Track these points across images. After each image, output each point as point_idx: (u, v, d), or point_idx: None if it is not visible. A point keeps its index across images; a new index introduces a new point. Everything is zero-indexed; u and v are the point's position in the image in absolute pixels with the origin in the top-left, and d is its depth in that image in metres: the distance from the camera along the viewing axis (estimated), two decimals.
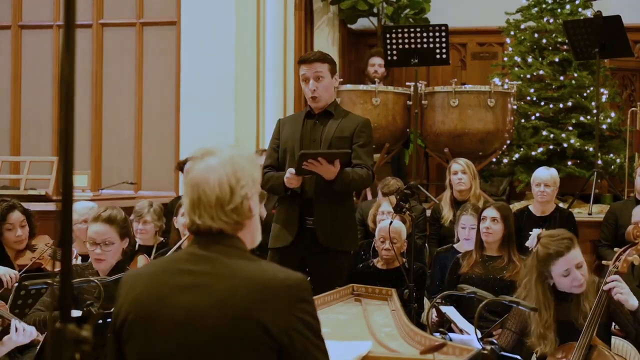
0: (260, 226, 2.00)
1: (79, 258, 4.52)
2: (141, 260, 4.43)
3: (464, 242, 4.98)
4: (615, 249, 3.35)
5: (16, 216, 4.48)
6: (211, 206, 1.85)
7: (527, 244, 4.70)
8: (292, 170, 4.00)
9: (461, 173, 5.65)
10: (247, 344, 1.78)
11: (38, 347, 3.16)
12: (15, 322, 3.32)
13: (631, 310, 3.23)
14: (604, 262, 3.38)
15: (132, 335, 1.86)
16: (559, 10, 7.29)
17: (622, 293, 3.20)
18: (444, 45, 6.48)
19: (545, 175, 5.46)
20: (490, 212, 4.62)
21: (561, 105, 7.07)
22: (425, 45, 6.48)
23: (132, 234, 4.16)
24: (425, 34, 6.48)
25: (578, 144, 6.83)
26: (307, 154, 3.93)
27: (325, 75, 4.11)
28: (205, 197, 1.85)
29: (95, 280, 2.88)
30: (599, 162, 6.50)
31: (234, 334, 1.78)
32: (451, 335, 3.26)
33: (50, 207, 5.69)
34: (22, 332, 3.31)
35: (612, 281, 3.21)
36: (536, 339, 3.32)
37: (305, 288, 1.85)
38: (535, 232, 4.71)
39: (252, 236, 1.95)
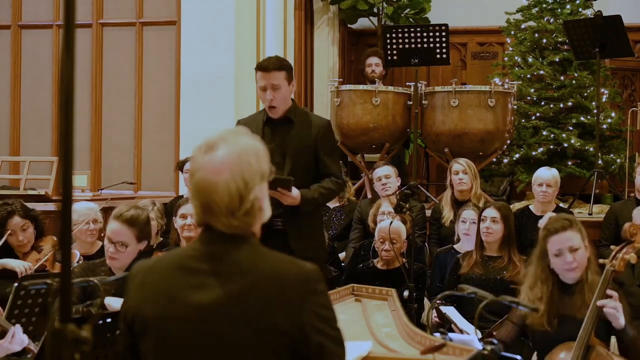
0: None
1: (81, 259, 4.50)
2: None
3: (464, 238, 4.98)
4: (612, 246, 3.32)
5: (15, 221, 4.43)
6: (222, 214, 1.83)
7: (539, 224, 4.75)
8: None
9: (462, 173, 5.64)
10: (261, 344, 1.78)
11: (38, 347, 3.14)
12: (14, 329, 3.21)
13: (617, 328, 3.19)
14: (600, 260, 3.35)
15: (145, 333, 1.85)
16: (559, 10, 7.28)
17: (616, 309, 3.14)
18: (444, 45, 6.48)
19: (547, 175, 5.46)
20: (491, 212, 4.62)
21: (561, 105, 7.06)
22: (425, 45, 6.47)
23: (151, 235, 4.03)
24: (425, 34, 6.47)
25: (578, 144, 6.82)
26: None
27: (282, 84, 4.01)
28: (215, 205, 1.82)
29: (95, 281, 2.87)
30: (600, 162, 6.49)
31: (246, 335, 1.78)
32: (451, 335, 3.25)
33: (50, 207, 5.69)
34: (17, 341, 3.18)
35: (609, 300, 3.13)
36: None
37: (317, 279, 1.85)
38: (549, 214, 4.77)
39: (261, 223, 1.92)
